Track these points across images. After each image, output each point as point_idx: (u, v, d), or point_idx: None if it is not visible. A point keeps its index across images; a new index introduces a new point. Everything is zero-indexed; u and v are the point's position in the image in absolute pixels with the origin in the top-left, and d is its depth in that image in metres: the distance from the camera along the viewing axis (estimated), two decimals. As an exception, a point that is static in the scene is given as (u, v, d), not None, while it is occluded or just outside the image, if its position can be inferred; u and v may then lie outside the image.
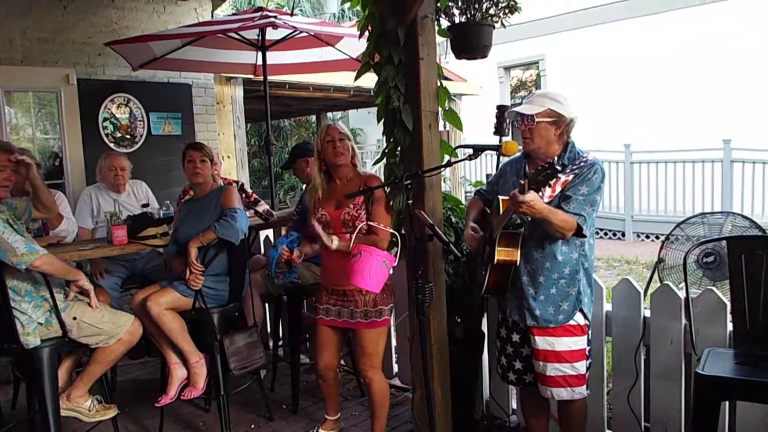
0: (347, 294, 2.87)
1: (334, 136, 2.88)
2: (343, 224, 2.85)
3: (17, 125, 5.19)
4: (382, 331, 2.93)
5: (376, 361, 2.93)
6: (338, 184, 2.95)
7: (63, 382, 3.07)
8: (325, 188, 2.96)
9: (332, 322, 2.94)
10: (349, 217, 2.84)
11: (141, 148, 5.62)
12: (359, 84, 3.73)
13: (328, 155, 2.89)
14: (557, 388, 2.49)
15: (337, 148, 2.87)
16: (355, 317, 2.87)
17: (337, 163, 2.90)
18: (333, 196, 2.93)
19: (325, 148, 2.89)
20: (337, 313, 2.92)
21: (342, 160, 2.89)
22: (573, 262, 2.46)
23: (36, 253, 2.68)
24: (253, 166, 15.05)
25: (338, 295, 2.91)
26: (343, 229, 2.86)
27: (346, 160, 2.91)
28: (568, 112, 2.43)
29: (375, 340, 2.90)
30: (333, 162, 2.90)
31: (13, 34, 4.91)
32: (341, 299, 2.90)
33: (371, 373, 2.93)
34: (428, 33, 2.79)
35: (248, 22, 4.22)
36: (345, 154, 2.89)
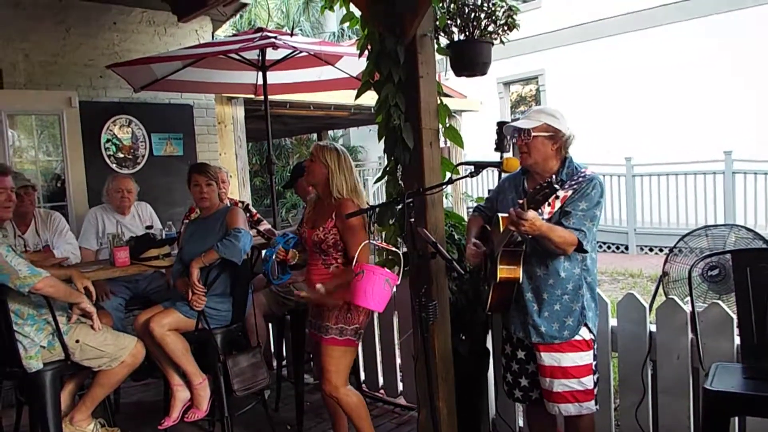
0: (321, 309, 2.87)
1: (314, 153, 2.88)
2: (313, 245, 2.87)
3: (20, 147, 5.22)
4: (345, 351, 2.83)
5: (336, 379, 2.82)
6: (321, 205, 2.97)
7: (66, 405, 3.05)
8: (312, 206, 3.01)
9: (312, 335, 2.96)
10: (317, 239, 2.84)
11: (143, 168, 5.64)
12: (359, 102, 3.74)
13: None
14: (565, 404, 2.46)
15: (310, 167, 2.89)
16: (329, 332, 2.84)
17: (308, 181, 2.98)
18: (315, 216, 2.96)
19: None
20: (317, 327, 2.91)
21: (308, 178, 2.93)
22: (576, 278, 2.45)
23: (38, 276, 2.67)
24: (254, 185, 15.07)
25: (314, 309, 2.94)
26: (314, 250, 2.88)
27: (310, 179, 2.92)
28: (565, 128, 2.43)
29: (335, 357, 2.81)
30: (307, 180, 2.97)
31: (16, 58, 4.95)
32: (316, 313, 2.91)
33: (335, 392, 2.82)
34: (427, 51, 2.81)
35: (248, 43, 4.25)
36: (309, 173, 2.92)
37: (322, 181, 2.88)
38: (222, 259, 3.12)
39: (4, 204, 2.84)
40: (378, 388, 4.07)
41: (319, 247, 2.84)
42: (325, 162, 2.86)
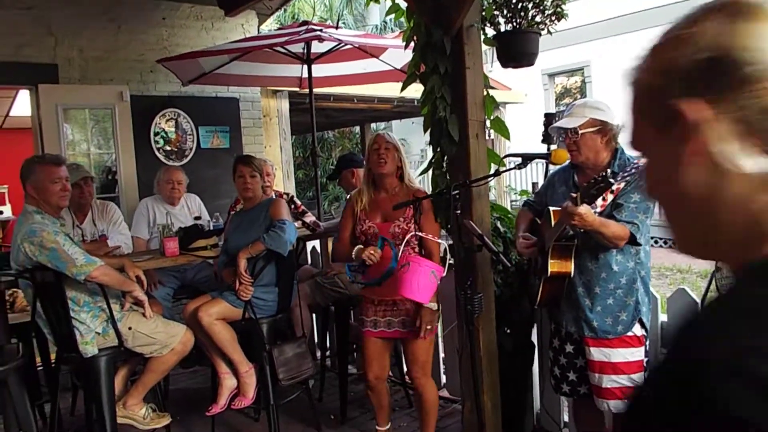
0: (397, 303, 2.85)
1: (380, 144, 2.88)
2: (393, 237, 2.83)
3: (73, 141, 5.39)
4: (432, 339, 2.93)
5: (428, 369, 2.93)
6: (384, 196, 2.94)
7: (119, 390, 3.15)
8: (371, 198, 2.95)
9: (381, 333, 2.92)
10: (399, 230, 2.83)
11: (190, 161, 5.75)
12: (403, 94, 3.74)
13: (371, 163, 2.89)
14: (615, 400, 2.42)
15: (381, 155, 2.85)
16: (406, 326, 2.85)
17: (379, 172, 2.88)
18: (379, 208, 2.92)
19: (370, 156, 2.90)
20: (387, 324, 2.90)
21: (384, 169, 2.86)
22: (629, 272, 2.40)
23: (94, 264, 2.76)
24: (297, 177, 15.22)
25: (386, 305, 2.89)
26: (396, 242, 2.84)
27: (389, 169, 2.87)
28: (611, 118, 2.38)
29: (426, 348, 2.90)
30: (376, 171, 2.89)
31: (71, 54, 5.11)
32: (390, 309, 2.89)
33: (423, 380, 2.92)
34: (474, 42, 2.79)
35: (294, 36, 4.29)
36: (388, 163, 2.86)
37: (395, 169, 2.89)
38: (268, 250, 3.17)
39: (60, 193, 2.93)
40: (421, 380, 4.07)
41: (401, 238, 2.80)
42: (398, 148, 2.89)
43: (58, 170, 2.94)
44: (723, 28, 0.60)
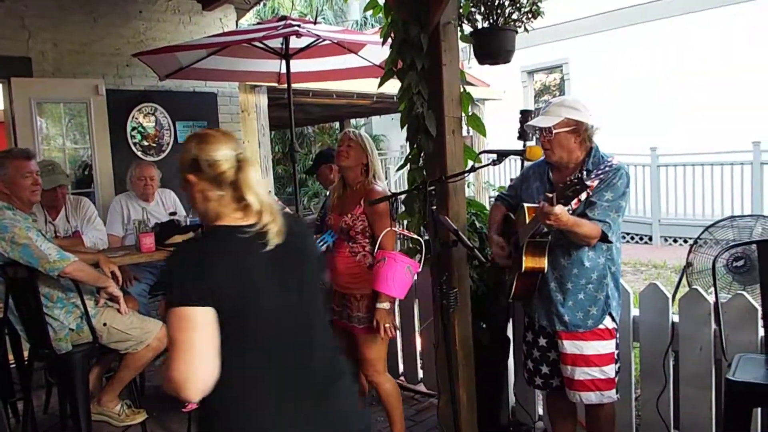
0: (345, 297, 2.91)
1: (344, 141, 2.94)
2: (340, 231, 2.91)
3: (48, 135, 5.31)
4: (383, 339, 2.89)
5: (378, 366, 2.93)
6: (348, 190, 3.00)
7: (93, 386, 3.14)
8: (340, 193, 3.03)
9: (338, 322, 2.98)
10: (345, 225, 2.88)
11: (168, 156, 5.70)
12: (382, 90, 3.74)
13: (335, 156, 2.99)
14: (586, 392, 2.46)
15: (342, 150, 2.91)
16: (352, 321, 2.90)
17: (339, 164, 2.97)
18: (341, 202, 3.00)
19: (336, 150, 2.98)
20: (339, 315, 2.97)
21: (344, 162, 2.92)
22: (600, 267, 2.44)
23: (67, 260, 2.74)
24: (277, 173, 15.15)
25: (338, 297, 2.97)
26: (341, 236, 2.92)
27: (349, 163, 2.92)
28: (587, 118, 2.41)
29: (376, 347, 2.89)
30: (337, 163, 3.00)
31: (45, 47, 5.03)
32: (343, 301, 2.94)
33: (376, 378, 2.94)
34: (451, 39, 2.80)
35: (272, 31, 4.27)
36: (350, 157, 2.91)
37: (358, 165, 2.91)
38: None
39: (31, 188, 2.90)
40: (398, 375, 4.09)
41: (347, 234, 2.87)
42: (363, 146, 2.91)
43: (29, 164, 2.90)
44: (195, 146, 1.56)
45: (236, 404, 1.43)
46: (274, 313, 1.49)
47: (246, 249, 1.48)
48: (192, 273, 1.41)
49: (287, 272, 1.53)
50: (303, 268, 1.60)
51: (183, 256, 1.51)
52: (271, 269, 1.50)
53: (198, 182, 1.53)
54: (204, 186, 1.52)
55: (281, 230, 1.51)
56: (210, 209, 1.54)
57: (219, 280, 1.40)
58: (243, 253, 1.48)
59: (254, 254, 1.48)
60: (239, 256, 1.48)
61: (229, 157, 1.52)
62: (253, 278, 1.47)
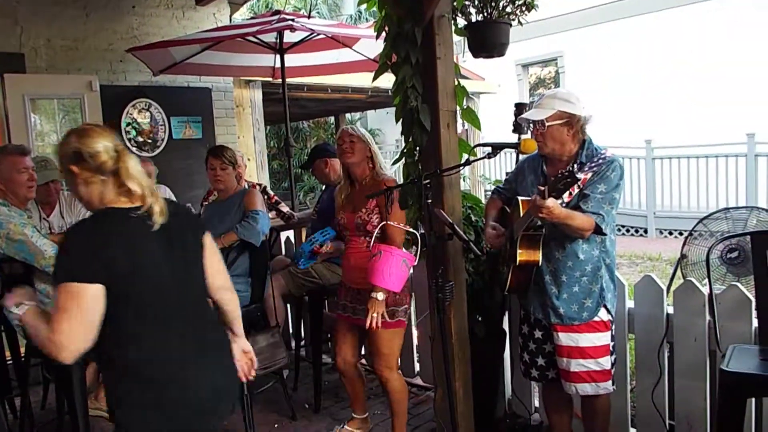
0: (361, 292, 2.92)
1: (344, 139, 2.96)
2: (356, 228, 2.92)
3: (42, 132, 5.29)
4: (396, 332, 2.93)
5: (390, 361, 2.95)
6: (357, 188, 3.01)
7: (90, 382, 3.13)
8: (347, 192, 3.03)
9: (349, 319, 3.00)
10: (360, 221, 2.91)
11: (162, 152, 5.70)
12: (377, 85, 3.74)
13: (339, 155, 2.99)
14: (582, 383, 2.48)
15: (345, 148, 2.93)
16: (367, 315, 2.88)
17: (346, 161, 2.97)
18: (352, 200, 2.99)
19: (338, 150, 2.98)
20: (353, 311, 2.98)
21: (351, 158, 2.94)
22: (594, 260, 2.45)
23: (63, 257, 2.73)
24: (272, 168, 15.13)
25: (354, 293, 2.97)
26: (357, 233, 2.93)
27: (356, 159, 2.94)
28: (580, 110, 2.41)
29: (388, 340, 2.91)
30: (343, 161, 2.99)
31: (38, 43, 5.01)
32: (357, 297, 2.95)
33: (386, 373, 2.95)
34: (445, 32, 2.80)
35: (266, 26, 4.26)
36: (355, 153, 2.93)
37: (364, 159, 2.94)
38: (241, 241, 3.16)
39: (27, 183, 2.89)
40: (395, 368, 4.11)
41: (364, 229, 2.90)
42: (364, 139, 2.94)
43: (24, 160, 2.89)
44: (76, 139, 1.70)
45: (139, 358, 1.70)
46: (162, 284, 1.73)
47: (135, 228, 1.70)
48: (86, 251, 1.62)
49: (173, 248, 1.77)
50: (186, 244, 1.85)
51: (79, 236, 1.69)
52: (158, 246, 1.73)
53: (81, 172, 1.69)
54: (87, 175, 1.70)
55: (164, 211, 1.74)
56: (93, 196, 1.72)
57: (112, 256, 1.63)
58: (133, 232, 1.70)
59: (143, 233, 1.70)
60: (130, 234, 1.70)
61: (109, 149, 1.70)
62: (144, 254, 1.70)
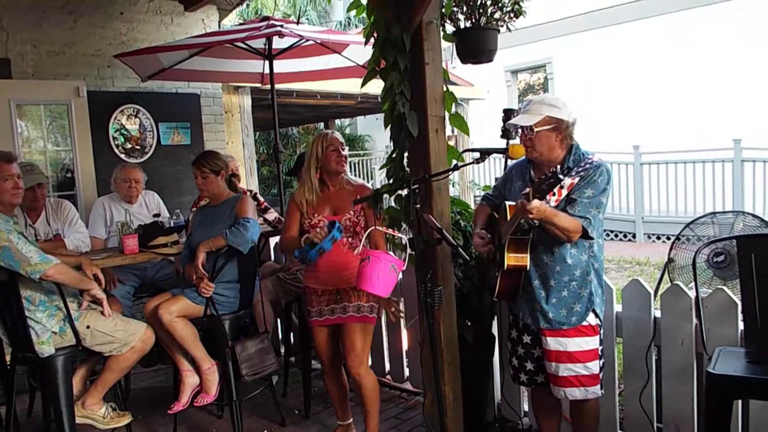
0: (340, 292, 2.97)
1: (337, 145, 2.98)
2: (345, 229, 2.94)
3: (29, 138, 5.25)
4: (371, 328, 3.02)
5: (364, 357, 3.01)
6: (331, 190, 3.04)
7: (77, 390, 3.10)
8: (318, 194, 3.02)
9: (326, 321, 3.04)
10: (350, 222, 2.96)
11: (151, 158, 5.67)
12: (366, 90, 3.75)
13: (331, 163, 2.98)
14: (570, 388, 2.48)
15: (341, 156, 2.98)
16: (347, 311, 2.96)
17: (339, 171, 3.00)
18: (328, 202, 3.02)
19: (328, 156, 2.97)
20: (330, 311, 3.01)
21: (343, 168, 3.01)
22: (583, 264, 2.46)
23: (49, 263, 2.71)
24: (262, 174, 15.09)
25: (330, 295, 3.01)
26: (344, 234, 2.94)
27: (345, 168, 3.04)
28: (567, 115, 2.43)
29: (362, 337, 2.97)
30: (335, 170, 3.00)
31: (24, 48, 4.98)
32: (333, 298, 2.99)
33: (361, 370, 2.98)
34: (433, 38, 2.81)
35: (255, 32, 4.26)
36: (346, 162, 3.02)
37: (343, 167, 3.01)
38: (229, 247, 3.15)
39: (13, 191, 2.87)
40: (384, 373, 4.11)
41: (353, 230, 2.96)
42: (344, 149, 3.01)
43: (10, 167, 2.87)
44: None
45: None
46: None
47: None
48: None
49: None
50: None
51: None
52: None
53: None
54: None
55: None
56: None
57: None
58: None
59: None
60: None
61: None
62: None
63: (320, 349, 3.14)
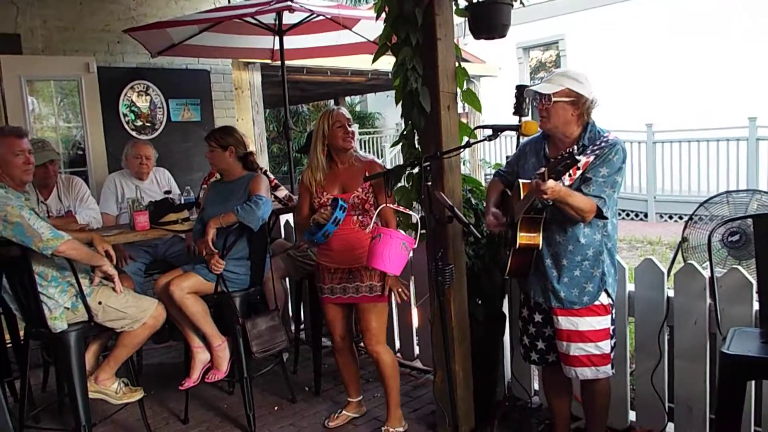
0: (353, 271, 2.95)
1: (343, 122, 2.95)
2: (353, 207, 2.92)
3: (40, 115, 5.25)
4: (384, 307, 3.02)
5: (381, 336, 3.02)
6: (340, 167, 3.01)
7: (90, 365, 3.13)
8: (326, 172, 3.00)
9: (338, 299, 3.03)
10: (358, 200, 2.92)
11: (161, 134, 5.67)
12: (377, 67, 3.71)
13: (338, 140, 2.95)
14: (581, 367, 2.47)
15: (348, 133, 2.95)
16: (360, 291, 2.95)
17: (346, 148, 2.97)
18: (336, 179, 2.99)
19: (335, 133, 2.94)
20: (342, 290, 3.01)
21: (350, 144, 2.97)
22: (596, 244, 2.43)
23: (61, 239, 2.72)
24: (272, 151, 15.07)
25: (342, 273, 2.99)
26: (353, 212, 2.92)
27: (353, 144, 3.00)
28: (588, 92, 2.38)
29: (378, 316, 2.98)
30: (342, 146, 2.96)
31: (34, 23, 4.96)
32: (346, 277, 2.98)
33: (378, 347, 3.01)
34: (445, 13, 2.76)
35: (265, 6, 4.21)
36: (353, 138, 2.99)
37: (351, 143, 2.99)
38: (240, 225, 3.14)
39: (24, 166, 2.86)
40: (395, 351, 4.11)
41: (362, 208, 2.93)
42: (351, 125, 2.98)
43: (21, 142, 2.87)
44: None
45: None
46: None
47: None
48: None
49: None
50: None
51: None
52: None
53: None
54: None
55: None
56: None
57: None
58: None
59: None
60: None
61: None
62: None
63: (331, 326, 3.15)
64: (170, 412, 3.56)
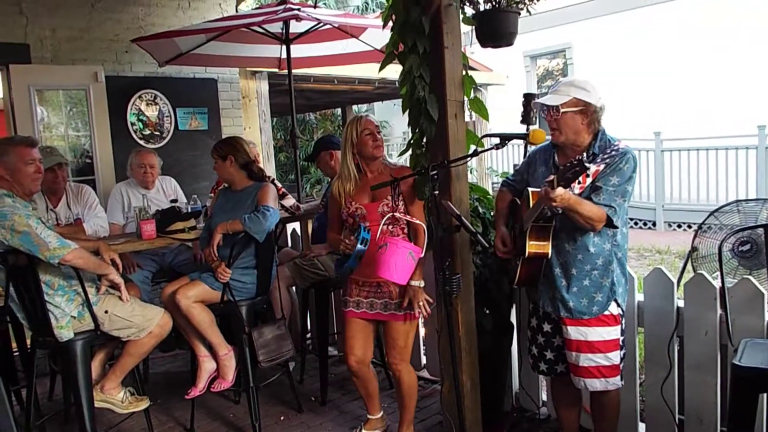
0: (381, 286, 2.83)
1: (372, 129, 2.86)
2: (382, 216, 2.79)
3: (49, 123, 5.28)
4: (413, 324, 2.90)
5: (406, 355, 2.91)
6: (369, 177, 2.91)
7: (96, 374, 3.12)
8: (355, 183, 2.90)
9: (363, 315, 2.90)
10: (387, 208, 2.80)
11: (168, 143, 5.69)
12: (384, 75, 3.71)
13: (367, 148, 2.86)
14: (591, 378, 2.45)
15: (378, 140, 2.87)
16: (388, 309, 2.83)
17: (376, 156, 2.88)
18: (365, 189, 2.88)
19: (364, 140, 2.84)
20: (369, 305, 2.88)
21: (381, 152, 2.89)
22: (606, 253, 2.41)
23: (68, 248, 2.72)
24: (279, 160, 15.12)
25: (369, 287, 2.87)
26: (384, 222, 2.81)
27: (383, 152, 2.92)
28: (596, 100, 2.37)
29: (407, 332, 2.87)
30: (371, 154, 2.87)
31: (43, 33, 4.99)
32: (373, 291, 2.86)
33: (401, 366, 2.90)
34: (453, 21, 2.76)
35: (272, 15, 4.22)
36: (383, 146, 2.91)
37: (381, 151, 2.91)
38: (246, 234, 3.14)
39: (34, 175, 2.87)
40: (401, 361, 4.08)
41: (392, 217, 2.79)
42: (380, 133, 2.90)
43: (31, 152, 2.87)
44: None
45: None
46: None
47: None
48: None
49: None
50: None
51: None
52: None
53: None
54: None
55: None
56: None
57: None
58: None
59: None
60: None
61: None
62: None
63: (349, 345, 2.94)
64: (176, 422, 3.55)
